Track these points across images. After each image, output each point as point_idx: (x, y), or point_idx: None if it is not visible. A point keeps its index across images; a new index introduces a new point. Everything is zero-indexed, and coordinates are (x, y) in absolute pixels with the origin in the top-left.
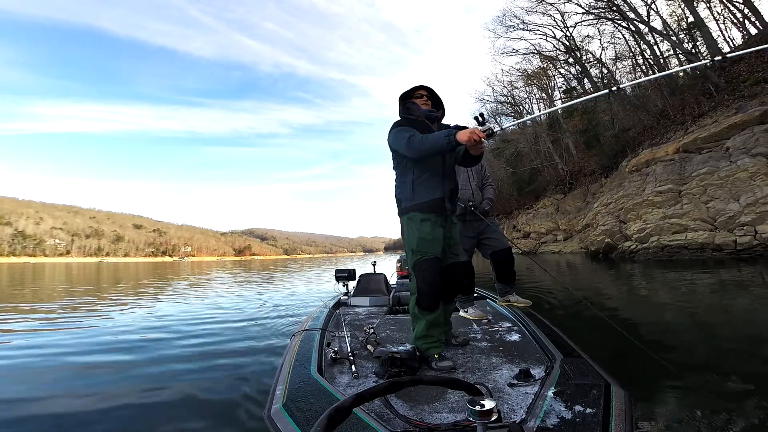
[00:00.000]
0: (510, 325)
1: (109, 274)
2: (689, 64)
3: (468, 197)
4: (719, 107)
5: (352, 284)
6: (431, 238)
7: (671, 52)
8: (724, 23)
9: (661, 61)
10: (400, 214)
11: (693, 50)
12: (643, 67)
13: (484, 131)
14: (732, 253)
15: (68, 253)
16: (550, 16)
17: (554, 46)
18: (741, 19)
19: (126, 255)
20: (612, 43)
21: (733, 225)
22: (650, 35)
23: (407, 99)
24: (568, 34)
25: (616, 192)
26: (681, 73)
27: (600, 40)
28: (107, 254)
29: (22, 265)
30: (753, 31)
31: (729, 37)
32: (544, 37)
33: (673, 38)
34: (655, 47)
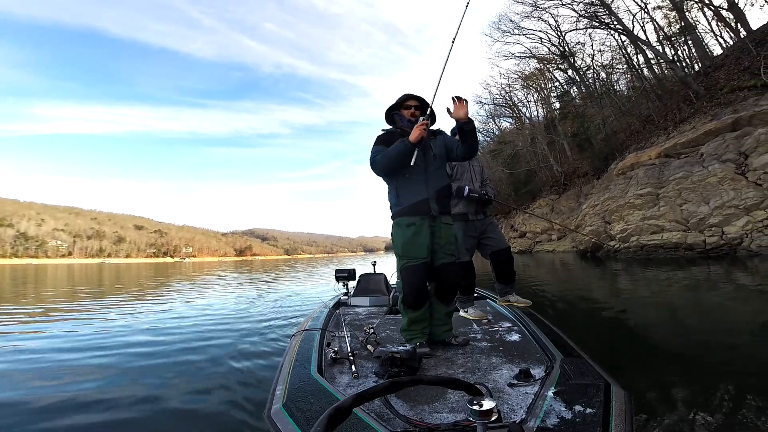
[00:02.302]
0: (510, 325)
1: (111, 275)
2: (670, 72)
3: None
4: (698, 114)
5: (352, 284)
6: (415, 242)
7: (656, 59)
8: (717, 26)
9: (654, 66)
10: (391, 219)
11: (674, 59)
12: (637, 71)
13: (423, 119)
14: (702, 252)
15: (70, 254)
16: (545, 21)
17: (549, 50)
18: (733, 25)
19: (128, 256)
20: (601, 51)
21: (703, 226)
22: (637, 42)
23: (395, 110)
24: (562, 39)
25: (603, 194)
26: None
27: (592, 46)
28: (109, 255)
29: (25, 267)
30: (742, 34)
31: (722, 39)
32: (540, 42)
33: (657, 47)
34: (647, 51)
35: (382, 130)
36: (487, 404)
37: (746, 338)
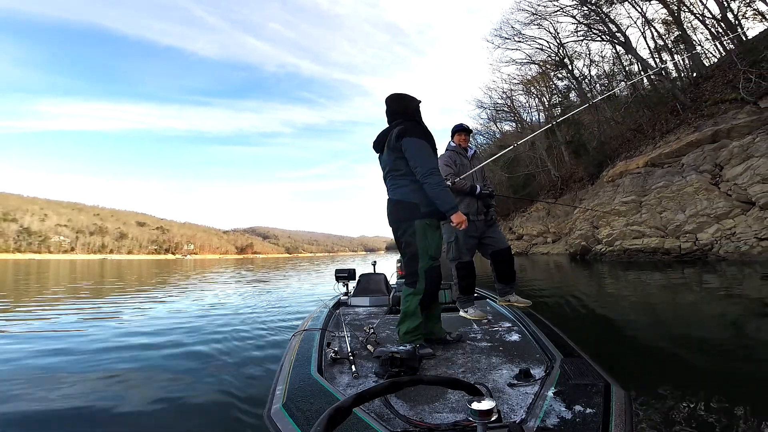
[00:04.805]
0: (510, 325)
1: (113, 271)
2: (657, 83)
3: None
4: (683, 125)
5: (352, 284)
6: (440, 245)
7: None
8: (718, 33)
9: (649, 76)
10: (413, 217)
11: (664, 71)
12: (634, 82)
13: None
14: (677, 256)
15: (72, 249)
16: (545, 29)
17: (549, 56)
18: (727, 36)
19: (129, 252)
20: (600, 59)
21: (679, 232)
22: (634, 52)
23: (419, 106)
24: (560, 47)
25: (593, 200)
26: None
27: (589, 55)
28: (111, 251)
29: (27, 262)
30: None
31: (721, 49)
32: (540, 48)
33: (649, 58)
34: (641, 62)
35: (419, 122)
36: (487, 404)
37: (731, 339)
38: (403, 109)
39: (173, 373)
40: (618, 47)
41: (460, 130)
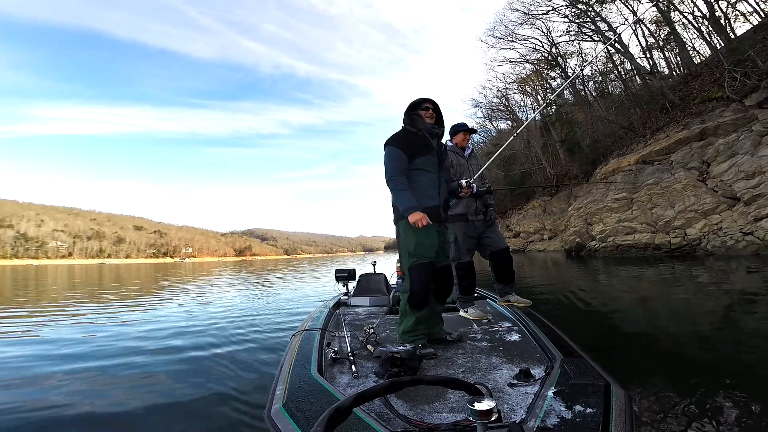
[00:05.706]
0: (510, 325)
1: (112, 275)
2: (648, 83)
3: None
4: (672, 123)
5: (352, 284)
6: (428, 243)
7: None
8: (707, 31)
9: (650, 75)
10: (397, 219)
11: (653, 71)
12: (623, 79)
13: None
14: (668, 251)
15: (70, 255)
16: (537, 29)
17: (542, 55)
18: (714, 34)
19: (128, 256)
20: (594, 58)
21: (669, 228)
22: (625, 51)
23: (413, 110)
24: (553, 46)
25: (586, 197)
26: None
27: (580, 54)
28: (109, 256)
29: (26, 267)
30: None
31: (713, 46)
32: (533, 48)
33: (639, 58)
34: (632, 61)
35: (404, 127)
36: (487, 404)
37: (725, 334)
38: (404, 120)
39: (173, 374)
40: (609, 46)
41: (464, 130)
